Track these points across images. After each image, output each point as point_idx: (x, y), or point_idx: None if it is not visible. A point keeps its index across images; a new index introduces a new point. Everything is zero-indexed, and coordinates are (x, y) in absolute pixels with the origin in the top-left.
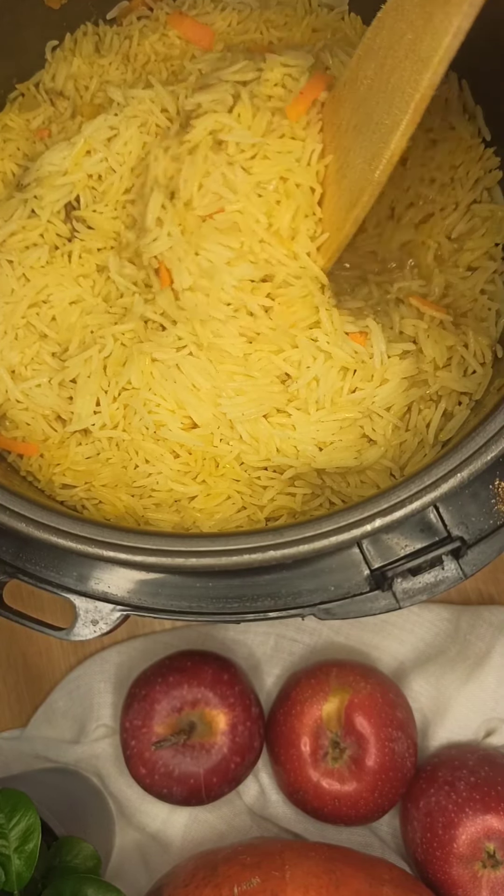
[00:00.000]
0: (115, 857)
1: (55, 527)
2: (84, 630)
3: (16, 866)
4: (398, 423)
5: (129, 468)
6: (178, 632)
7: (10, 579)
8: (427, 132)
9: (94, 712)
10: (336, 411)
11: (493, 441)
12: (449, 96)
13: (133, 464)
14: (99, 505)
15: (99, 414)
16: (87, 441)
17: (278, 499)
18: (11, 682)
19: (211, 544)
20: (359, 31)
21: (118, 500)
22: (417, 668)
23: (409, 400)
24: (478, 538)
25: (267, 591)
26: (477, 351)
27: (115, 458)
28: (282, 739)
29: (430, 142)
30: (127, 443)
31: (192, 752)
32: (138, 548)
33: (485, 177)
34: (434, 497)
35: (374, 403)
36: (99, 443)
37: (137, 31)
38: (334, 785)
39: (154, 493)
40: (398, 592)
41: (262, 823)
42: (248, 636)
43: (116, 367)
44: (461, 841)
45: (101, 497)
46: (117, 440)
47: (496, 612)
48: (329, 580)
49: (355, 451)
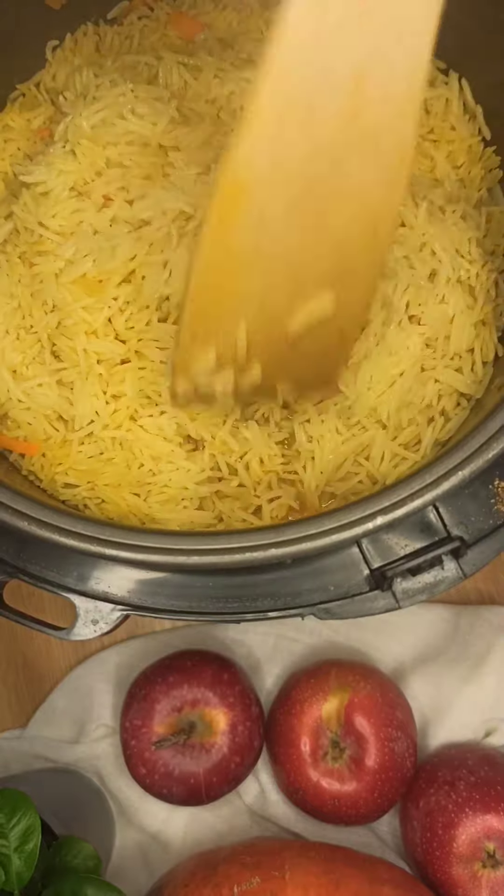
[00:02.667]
0: (115, 856)
1: (56, 525)
2: (84, 630)
3: (16, 866)
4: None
5: (132, 467)
6: (178, 632)
7: (11, 579)
8: (428, 133)
9: (94, 712)
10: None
11: (493, 440)
12: (450, 97)
13: (138, 462)
14: (102, 504)
15: (99, 416)
16: (90, 441)
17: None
18: (11, 682)
19: (212, 543)
20: None
21: (122, 499)
22: (417, 667)
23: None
24: (477, 538)
25: (267, 591)
26: (485, 347)
27: (118, 458)
28: (281, 739)
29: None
30: (131, 441)
31: (192, 751)
32: (140, 546)
33: (486, 176)
34: (434, 496)
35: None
36: (102, 442)
37: (138, 31)
38: (334, 785)
39: (165, 489)
40: (398, 592)
41: (261, 823)
42: (248, 636)
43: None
44: (461, 841)
45: (104, 496)
46: (120, 439)
47: (496, 612)
48: (329, 580)
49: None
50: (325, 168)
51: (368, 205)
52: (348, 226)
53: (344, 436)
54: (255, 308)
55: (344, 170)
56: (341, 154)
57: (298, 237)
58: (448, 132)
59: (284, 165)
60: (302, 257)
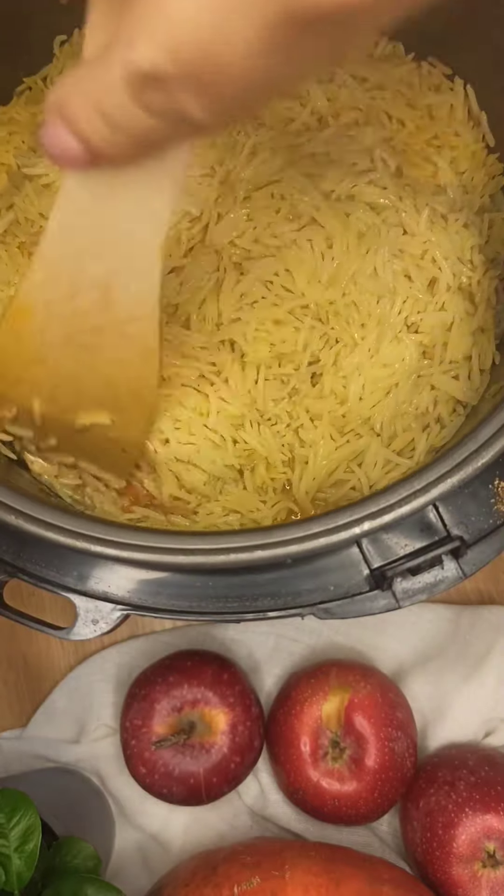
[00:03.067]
0: (115, 857)
1: (56, 524)
2: (84, 630)
3: (16, 866)
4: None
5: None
6: (179, 631)
7: (11, 579)
8: (432, 138)
9: (94, 712)
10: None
11: (493, 439)
12: (454, 102)
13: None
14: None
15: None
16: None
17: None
18: (11, 681)
19: (212, 542)
20: (377, 41)
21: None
22: (417, 667)
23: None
24: (477, 538)
25: (267, 591)
26: (483, 354)
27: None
28: (282, 739)
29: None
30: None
31: (192, 751)
32: (140, 546)
33: (489, 182)
34: (434, 496)
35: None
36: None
37: None
38: (334, 785)
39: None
40: (398, 592)
41: (261, 823)
42: (248, 636)
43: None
44: (461, 841)
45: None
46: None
47: (496, 612)
48: (329, 580)
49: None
50: (87, 334)
51: (128, 373)
52: (115, 379)
53: (338, 442)
54: (47, 394)
55: (103, 341)
56: (99, 329)
57: (73, 366)
58: (452, 138)
59: (55, 312)
60: (78, 382)
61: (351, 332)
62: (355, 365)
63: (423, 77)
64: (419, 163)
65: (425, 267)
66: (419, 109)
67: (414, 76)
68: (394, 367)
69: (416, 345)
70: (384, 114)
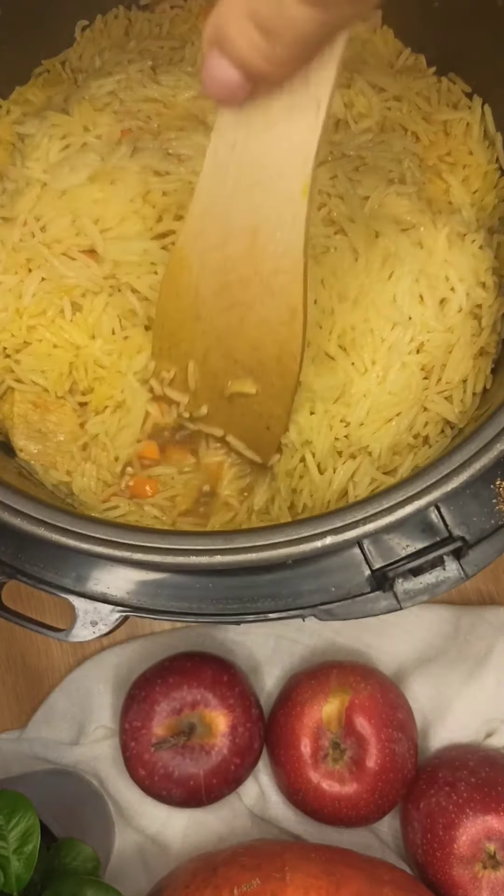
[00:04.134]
0: (114, 858)
1: (55, 524)
2: (83, 631)
3: (15, 868)
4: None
5: None
6: (178, 633)
7: (9, 580)
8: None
9: (93, 714)
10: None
11: (494, 441)
12: (471, 121)
13: None
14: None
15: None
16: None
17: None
18: (10, 682)
19: (212, 543)
20: (390, 45)
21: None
22: (418, 668)
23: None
24: (479, 538)
25: (267, 592)
26: (478, 378)
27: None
28: (282, 741)
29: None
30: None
31: (191, 753)
32: (140, 546)
33: (499, 205)
34: (435, 497)
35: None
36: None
37: (168, 19)
38: (334, 786)
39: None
40: (399, 593)
41: (262, 825)
42: (249, 637)
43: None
44: (461, 842)
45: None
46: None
47: (497, 613)
48: (330, 581)
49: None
50: (236, 288)
51: (273, 336)
52: (260, 342)
53: (336, 466)
54: (201, 356)
55: (250, 296)
56: (247, 281)
57: (224, 323)
58: (465, 156)
59: (208, 263)
60: (227, 345)
61: (364, 359)
62: (363, 391)
63: (443, 92)
64: (431, 178)
65: (438, 287)
66: (435, 125)
67: (433, 90)
68: (400, 396)
69: (416, 365)
70: (399, 126)
